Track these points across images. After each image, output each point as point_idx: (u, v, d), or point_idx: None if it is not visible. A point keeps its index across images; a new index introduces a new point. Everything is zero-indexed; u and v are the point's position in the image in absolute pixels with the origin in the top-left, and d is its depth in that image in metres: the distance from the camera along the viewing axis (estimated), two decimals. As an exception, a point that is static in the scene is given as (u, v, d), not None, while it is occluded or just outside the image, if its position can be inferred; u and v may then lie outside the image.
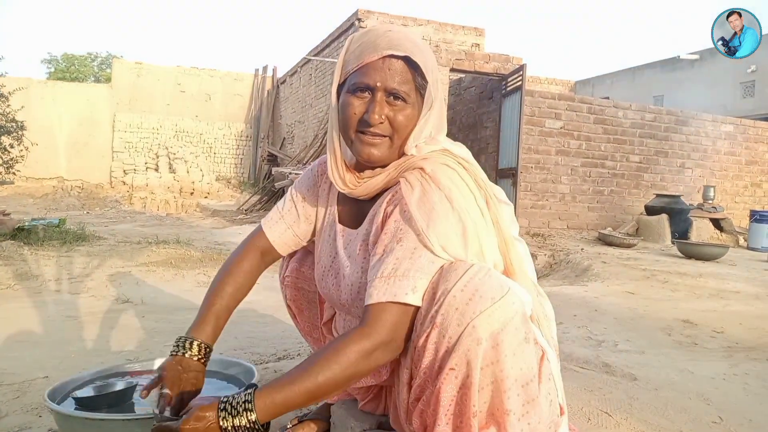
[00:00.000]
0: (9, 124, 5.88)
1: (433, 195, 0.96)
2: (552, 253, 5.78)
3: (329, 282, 1.14)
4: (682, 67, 14.50)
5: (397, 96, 0.99)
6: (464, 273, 0.89)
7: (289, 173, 8.93)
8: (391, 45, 0.99)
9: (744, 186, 9.24)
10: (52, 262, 3.97)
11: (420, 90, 1.01)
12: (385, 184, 1.04)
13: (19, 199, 11.45)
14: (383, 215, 1.02)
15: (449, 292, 0.87)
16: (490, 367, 0.86)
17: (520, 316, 0.88)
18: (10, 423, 1.39)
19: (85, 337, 2.24)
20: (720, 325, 2.82)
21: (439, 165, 1.01)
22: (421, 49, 1.01)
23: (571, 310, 3.10)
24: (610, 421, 1.48)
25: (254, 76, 15.67)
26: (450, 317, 0.86)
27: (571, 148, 7.76)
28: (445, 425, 0.90)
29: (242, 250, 1.23)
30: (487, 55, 7.80)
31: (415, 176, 1.00)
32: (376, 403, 1.21)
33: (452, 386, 0.88)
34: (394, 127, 1.01)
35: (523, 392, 0.89)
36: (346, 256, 1.10)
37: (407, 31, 1.04)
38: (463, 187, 0.99)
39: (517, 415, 0.89)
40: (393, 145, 1.02)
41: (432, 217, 0.94)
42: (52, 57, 25.66)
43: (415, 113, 1.01)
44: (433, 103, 1.02)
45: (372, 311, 0.92)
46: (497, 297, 0.86)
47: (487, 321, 0.85)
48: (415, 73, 1.00)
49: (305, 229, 1.22)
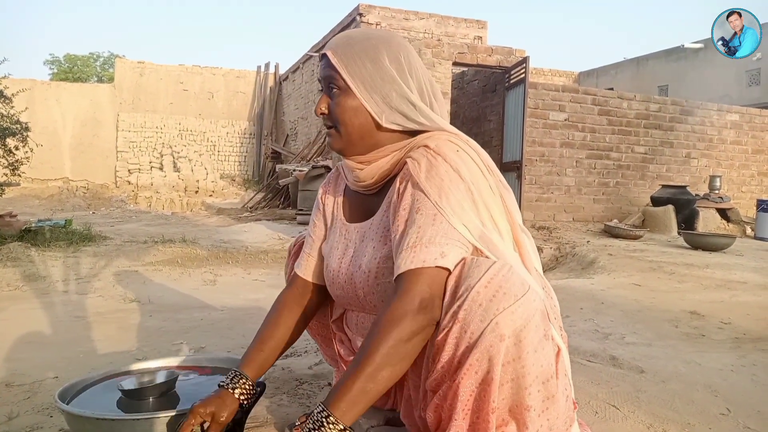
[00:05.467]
0: (14, 125, 5.89)
1: (440, 167, 0.99)
2: (558, 246, 5.76)
3: (341, 279, 1.14)
4: (687, 56, 14.40)
5: (330, 87, 1.06)
6: (488, 269, 0.89)
7: (293, 170, 8.94)
8: (328, 46, 1.08)
9: (750, 175, 9.18)
10: (60, 263, 3.99)
11: (352, 77, 1.04)
12: (391, 165, 1.07)
13: (26, 201, 11.51)
14: (397, 194, 1.04)
15: (473, 288, 0.87)
16: (512, 363, 0.87)
17: (540, 313, 0.89)
18: (22, 423, 1.40)
19: (94, 337, 2.25)
20: (727, 316, 2.81)
21: (444, 141, 1.04)
22: (353, 42, 1.06)
23: (577, 303, 3.09)
24: (617, 414, 1.48)
25: (256, 73, 15.66)
26: (473, 313, 0.87)
27: (575, 140, 7.72)
28: (461, 420, 0.90)
29: (277, 297, 1.25)
30: (489, 48, 7.76)
31: (420, 153, 1.03)
32: (384, 398, 1.21)
33: (472, 382, 0.88)
34: (333, 118, 1.07)
35: (544, 389, 0.90)
36: (362, 247, 1.11)
37: (351, 31, 1.11)
38: (470, 161, 1.02)
39: (537, 411, 0.90)
40: (342, 133, 1.07)
41: (442, 188, 0.96)
42: (54, 58, 25.77)
43: (354, 101, 1.05)
44: (372, 80, 1.04)
45: (404, 279, 0.92)
46: (519, 294, 0.87)
47: (510, 318, 0.85)
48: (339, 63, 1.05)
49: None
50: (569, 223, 7.61)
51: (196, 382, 1.31)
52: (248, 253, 4.97)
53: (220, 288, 3.45)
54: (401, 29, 9.42)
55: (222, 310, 2.79)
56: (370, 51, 1.05)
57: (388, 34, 1.11)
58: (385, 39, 1.08)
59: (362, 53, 1.05)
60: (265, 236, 6.43)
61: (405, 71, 1.07)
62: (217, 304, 2.92)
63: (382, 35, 1.09)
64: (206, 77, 15.29)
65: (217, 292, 3.32)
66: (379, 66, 1.05)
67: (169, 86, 14.97)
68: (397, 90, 1.05)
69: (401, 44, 1.10)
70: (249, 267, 4.33)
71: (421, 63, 1.12)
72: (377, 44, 1.06)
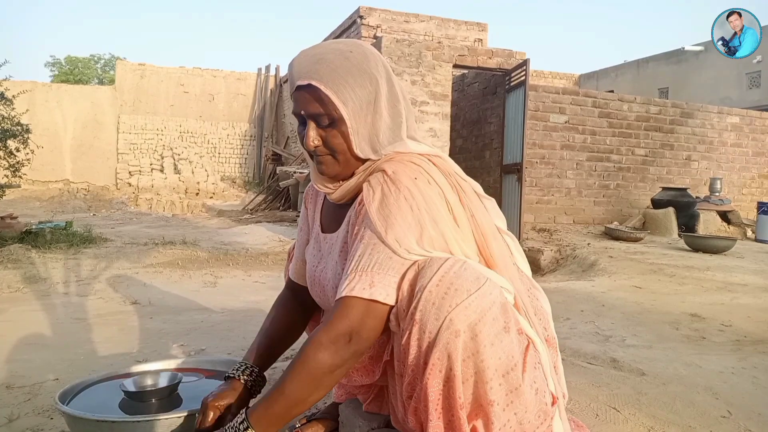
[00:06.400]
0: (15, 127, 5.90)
1: (390, 198, 0.97)
2: (558, 249, 5.76)
3: (316, 287, 1.17)
4: (687, 59, 14.40)
5: (320, 119, 1.02)
6: (439, 268, 0.90)
7: (294, 172, 8.94)
8: (299, 74, 1.01)
9: (751, 177, 9.17)
10: (60, 265, 3.99)
11: (344, 104, 1.00)
12: (357, 186, 1.06)
13: (26, 203, 11.52)
14: (357, 217, 1.04)
15: (425, 288, 0.89)
16: (471, 358, 0.88)
17: (499, 306, 0.90)
18: (22, 425, 1.40)
19: (94, 339, 2.25)
20: (728, 319, 2.81)
21: (403, 164, 1.01)
22: (323, 64, 1.00)
23: (578, 305, 3.09)
24: (618, 416, 1.48)
25: (257, 75, 15.68)
26: (428, 312, 0.88)
27: (576, 143, 7.72)
28: (437, 420, 0.91)
29: (277, 302, 1.29)
30: (490, 51, 7.77)
31: (377, 179, 1.01)
32: (380, 403, 1.21)
33: (438, 380, 0.89)
34: (329, 148, 1.03)
35: (505, 382, 0.90)
36: (329, 259, 1.13)
37: (313, 50, 1.04)
38: (426, 183, 0.99)
39: (502, 405, 0.90)
40: (339, 160, 1.05)
41: (390, 222, 0.95)
42: (55, 60, 25.83)
43: (346, 128, 1.01)
44: (360, 108, 1.01)
45: (335, 307, 0.95)
46: (473, 289, 0.88)
47: (463, 313, 0.86)
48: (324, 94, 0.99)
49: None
50: (570, 225, 7.61)
51: (199, 385, 1.31)
52: (249, 255, 4.97)
53: (220, 290, 3.45)
54: (402, 31, 9.44)
55: (222, 312, 2.79)
56: (357, 76, 1.01)
57: (361, 51, 1.04)
58: (363, 58, 1.03)
59: (349, 78, 1.00)
60: (265, 238, 6.43)
61: (396, 95, 1.06)
62: (217, 306, 2.92)
63: (357, 55, 1.03)
64: (207, 79, 15.30)
65: (217, 294, 3.32)
66: (367, 94, 1.02)
67: (169, 88, 14.98)
68: (380, 123, 1.04)
69: (378, 61, 1.05)
70: (249, 269, 4.33)
71: (396, 78, 1.09)
72: (361, 65, 1.02)
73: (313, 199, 1.27)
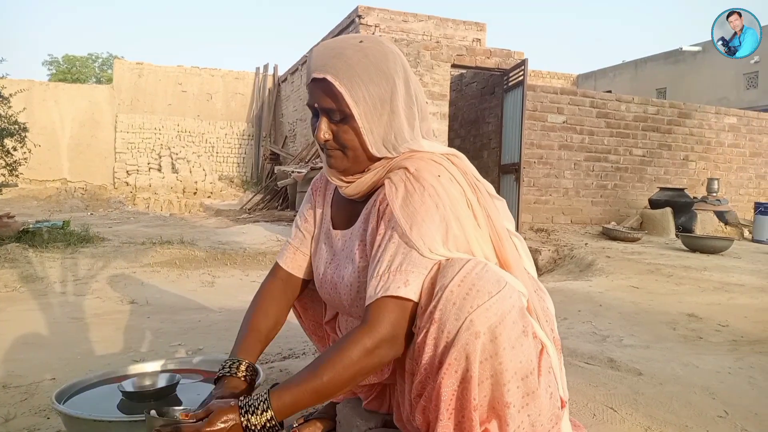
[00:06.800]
0: (12, 126, 5.89)
1: (415, 196, 0.97)
2: (556, 248, 5.77)
3: (327, 286, 1.15)
4: (685, 59, 14.43)
5: (332, 114, 1.01)
6: (461, 268, 0.90)
7: (292, 171, 8.94)
8: (316, 67, 1.01)
9: (748, 178, 9.20)
10: (57, 264, 3.98)
11: (356, 103, 0.99)
12: (373, 183, 1.06)
13: (23, 202, 11.49)
14: (377, 215, 1.03)
15: (446, 288, 0.88)
16: (489, 360, 0.87)
17: (518, 310, 0.90)
18: (19, 425, 1.40)
19: (91, 339, 2.25)
20: (725, 319, 2.82)
21: (425, 162, 1.02)
22: (352, 63, 0.99)
23: (575, 305, 3.10)
24: (615, 416, 1.48)
25: (255, 74, 15.66)
26: (448, 312, 0.88)
27: (573, 143, 7.73)
28: (447, 420, 0.90)
29: (262, 286, 1.26)
30: (488, 50, 7.78)
31: (399, 176, 1.01)
32: (380, 401, 1.21)
33: (452, 381, 0.88)
34: (340, 143, 1.03)
35: (523, 385, 0.90)
36: (344, 257, 1.11)
37: (333, 42, 1.04)
38: (449, 181, 1.00)
39: (517, 408, 0.90)
40: (348, 156, 1.04)
41: (415, 220, 0.95)
42: (53, 58, 25.77)
43: (357, 125, 1.01)
44: (374, 107, 1.00)
45: (371, 309, 0.93)
46: (494, 291, 0.88)
47: (484, 315, 0.86)
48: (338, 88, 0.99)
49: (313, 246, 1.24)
50: (567, 225, 7.62)
51: (197, 386, 1.31)
52: (246, 255, 4.96)
53: (218, 289, 3.45)
54: (400, 31, 9.43)
55: (220, 311, 2.78)
56: (374, 75, 1.00)
57: (381, 49, 1.03)
58: (382, 57, 1.02)
59: (365, 76, 0.99)
60: (263, 238, 6.43)
61: (411, 96, 1.05)
62: (215, 305, 2.92)
63: (376, 54, 1.02)
64: (205, 78, 15.28)
65: (215, 293, 3.31)
66: (382, 93, 1.01)
67: (167, 87, 14.96)
68: (397, 123, 1.03)
69: (397, 61, 1.04)
70: (247, 268, 4.33)
71: (414, 77, 1.08)
72: (379, 64, 1.01)
73: (322, 192, 1.25)
